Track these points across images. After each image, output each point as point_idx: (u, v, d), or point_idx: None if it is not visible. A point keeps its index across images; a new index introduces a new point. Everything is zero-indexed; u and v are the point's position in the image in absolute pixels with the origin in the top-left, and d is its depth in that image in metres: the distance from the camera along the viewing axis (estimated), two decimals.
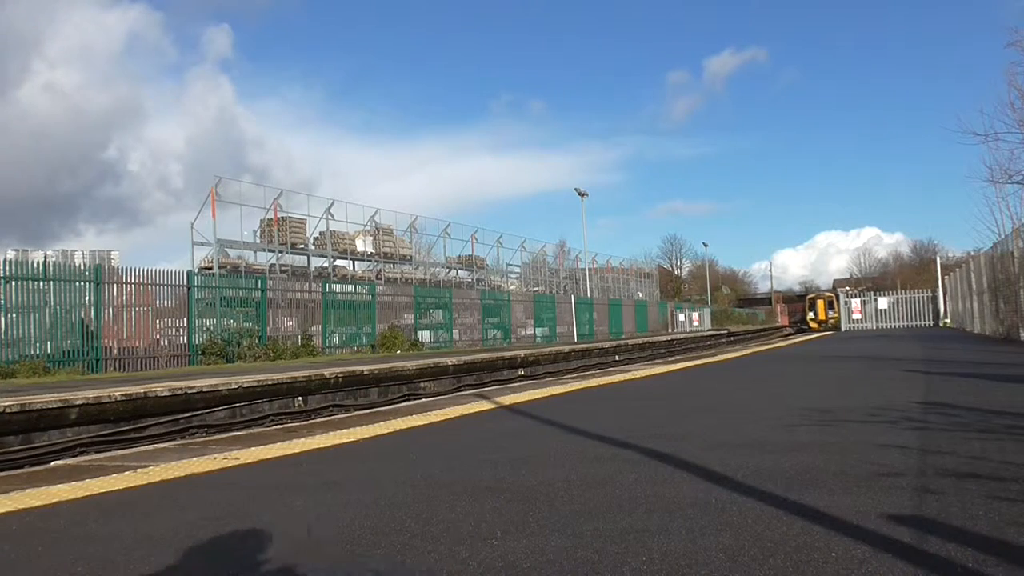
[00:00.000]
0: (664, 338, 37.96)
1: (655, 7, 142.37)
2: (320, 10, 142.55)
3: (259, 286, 21.56)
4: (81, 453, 8.46)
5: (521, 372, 19.57)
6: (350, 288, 26.89)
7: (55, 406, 8.97)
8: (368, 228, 34.93)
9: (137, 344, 18.14)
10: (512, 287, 43.19)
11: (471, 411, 7.22)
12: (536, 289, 45.75)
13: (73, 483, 4.18)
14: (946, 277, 41.19)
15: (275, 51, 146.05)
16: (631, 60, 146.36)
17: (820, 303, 59.37)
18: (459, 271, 40.95)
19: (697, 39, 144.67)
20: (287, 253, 31.29)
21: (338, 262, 33.56)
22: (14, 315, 15.52)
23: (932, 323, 41.32)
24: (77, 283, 16.70)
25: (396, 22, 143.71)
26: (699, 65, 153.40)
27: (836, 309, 51.32)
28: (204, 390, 10.77)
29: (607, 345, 28.08)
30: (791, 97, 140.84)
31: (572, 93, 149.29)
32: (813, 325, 57.48)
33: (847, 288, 62.75)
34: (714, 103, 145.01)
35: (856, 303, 45.03)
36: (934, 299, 42.70)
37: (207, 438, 6.98)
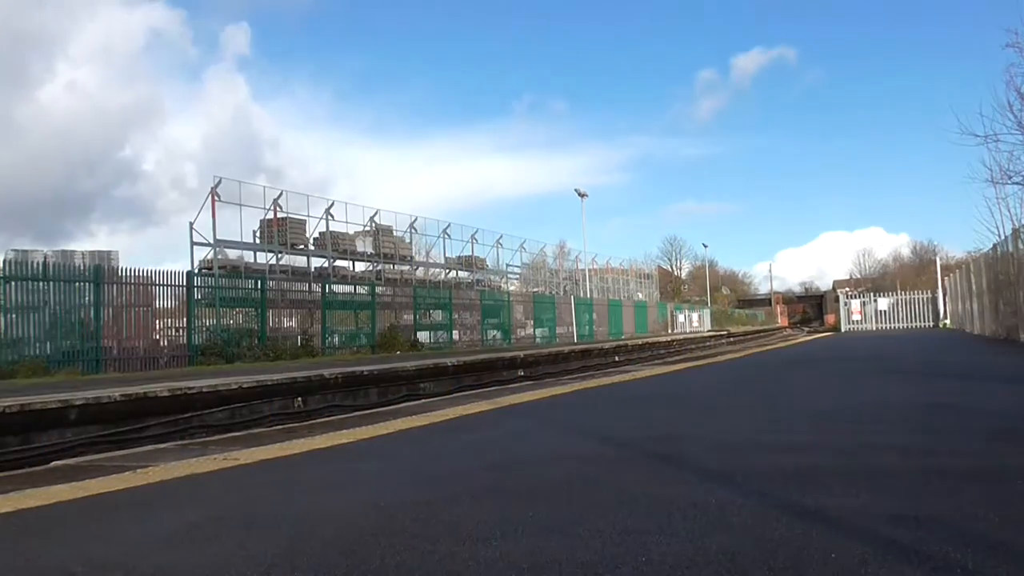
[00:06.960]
0: (664, 339, 37.95)
1: (681, 5, 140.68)
2: (342, 6, 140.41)
3: (259, 286, 21.56)
4: (81, 453, 8.45)
5: (521, 373, 19.55)
6: (350, 288, 26.88)
7: (55, 406, 8.96)
8: (368, 228, 34.91)
9: (137, 344, 18.15)
10: (512, 288, 43.19)
11: (471, 411, 7.21)
12: (536, 290, 45.73)
13: (73, 483, 4.18)
14: (946, 278, 41.22)
15: (292, 49, 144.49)
16: (654, 60, 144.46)
17: None
18: (459, 272, 40.95)
19: (722, 38, 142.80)
20: (287, 253, 31.26)
21: (338, 262, 33.51)
22: (13, 315, 15.52)
23: (932, 324, 41.35)
24: (77, 283, 16.70)
25: (411, 21, 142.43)
26: (726, 64, 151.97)
27: None
28: (204, 390, 10.76)
29: (607, 346, 28.06)
30: (808, 98, 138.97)
31: (589, 94, 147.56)
32: None
33: (847, 289, 62.74)
34: (737, 103, 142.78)
35: (856, 304, 45.11)
36: (934, 300, 42.76)
37: (207, 438, 6.98)
